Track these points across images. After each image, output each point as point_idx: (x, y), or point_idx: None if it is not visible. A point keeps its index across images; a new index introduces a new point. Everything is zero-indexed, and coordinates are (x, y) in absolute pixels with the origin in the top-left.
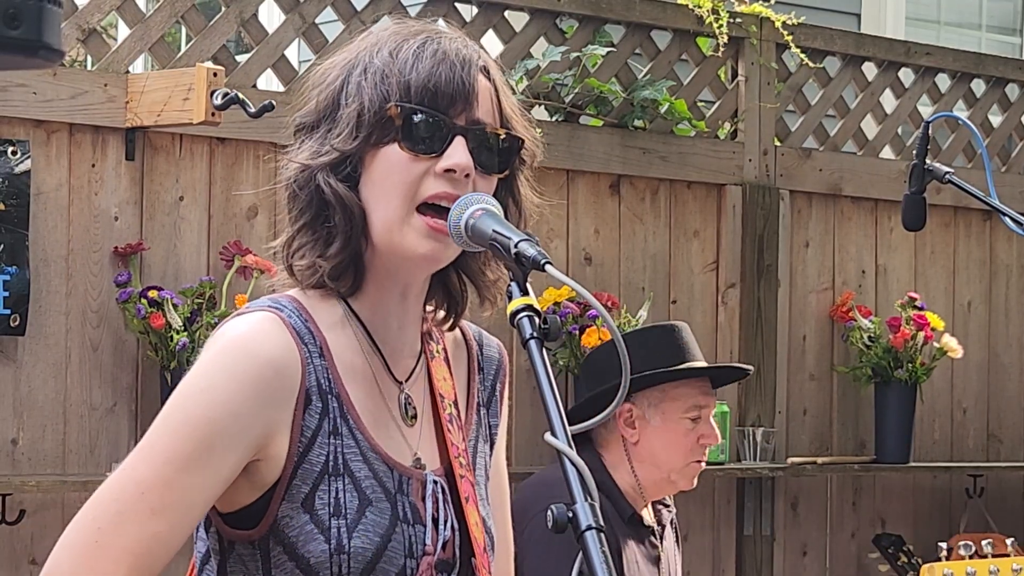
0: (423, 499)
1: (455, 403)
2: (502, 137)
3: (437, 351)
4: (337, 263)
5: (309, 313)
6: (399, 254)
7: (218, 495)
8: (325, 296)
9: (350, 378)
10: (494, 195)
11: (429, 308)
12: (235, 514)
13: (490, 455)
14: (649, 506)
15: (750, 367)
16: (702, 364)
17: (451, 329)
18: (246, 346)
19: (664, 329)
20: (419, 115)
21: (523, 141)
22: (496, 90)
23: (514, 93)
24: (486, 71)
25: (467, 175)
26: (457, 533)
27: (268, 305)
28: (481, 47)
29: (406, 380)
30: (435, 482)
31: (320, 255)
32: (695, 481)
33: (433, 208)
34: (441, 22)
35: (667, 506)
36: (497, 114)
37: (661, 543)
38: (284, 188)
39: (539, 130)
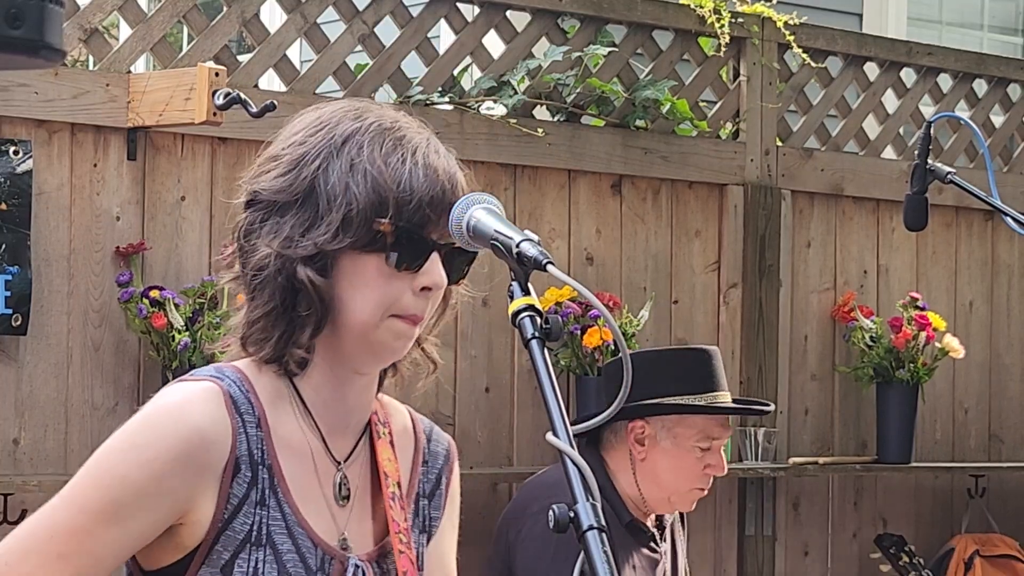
0: None
1: (399, 484)
2: (464, 251)
3: (383, 433)
4: (305, 349)
5: (252, 384)
6: (370, 350)
7: (130, 552)
8: (271, 371)
9: (285, 452)
10: None
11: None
12: (157, 572)
13: (426, 546)
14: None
15: (770, 407)
16: (727, 403)
17: (377, 391)
18: (176, 413)
19: (697, 354)
20: (408, 235)
21: (476, 254)
22: None
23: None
24: (463, 187)
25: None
26: None
27: (211, 375)
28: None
29: (344, 460)
30: (356, 566)
31: (292, 342)
32: (694, 505)
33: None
34: (402, 118)
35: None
36: None
37: (660, 547)
38: (252, 270)
39: (541, 130)
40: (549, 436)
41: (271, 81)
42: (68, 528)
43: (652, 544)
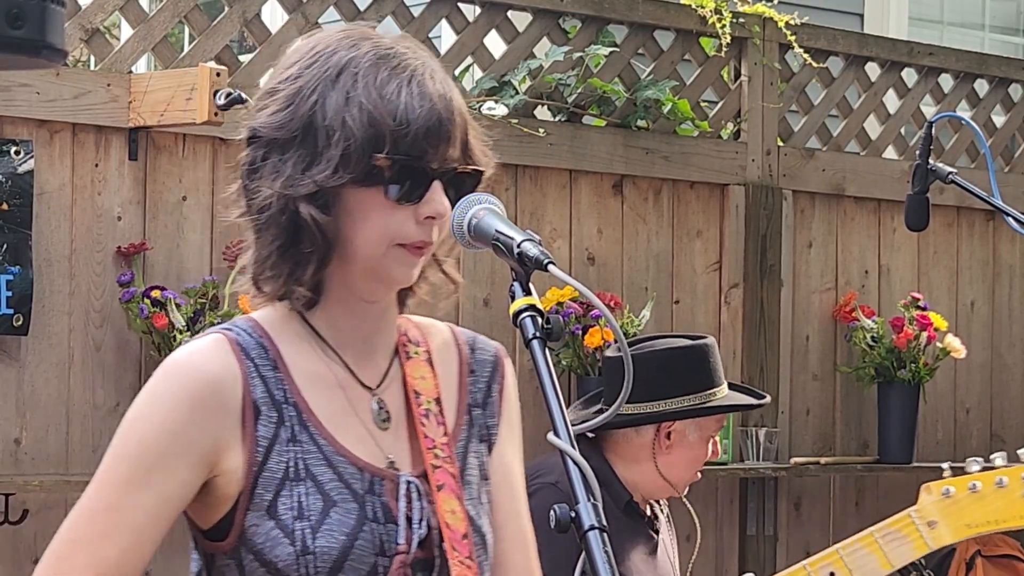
0: (396, 499)
1: (437, 400)
2: (469, 173)
3: (416, 351)
4: (311, 286)
5: (264, 329)
6: (377, 278)
7: (170, 517)
8: (284, 313)
9: (311, 387)
10: None
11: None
12: (213, 529)
13: (488, 454)
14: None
15: (766, 400)
16: (734, 394)
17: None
18: (179, 368)
19: (703, 349)
20: (407, 167)
21: (483, 172)
22: (466, 125)
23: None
24: (460, 110)
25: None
26: (436, 531)
27: (219, 328)
28: (445, 75)
29: (378, 385)
30: (409, 482)
31: (296, 279)
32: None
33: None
34: (399, 42)
35: (656, 500)
36: (463, 148)
37: (657, 534)
38: (256, 210)
39: (542, 130)
40: (550, 436)
41: None
42: (103, 506)
43: (649, 530)
